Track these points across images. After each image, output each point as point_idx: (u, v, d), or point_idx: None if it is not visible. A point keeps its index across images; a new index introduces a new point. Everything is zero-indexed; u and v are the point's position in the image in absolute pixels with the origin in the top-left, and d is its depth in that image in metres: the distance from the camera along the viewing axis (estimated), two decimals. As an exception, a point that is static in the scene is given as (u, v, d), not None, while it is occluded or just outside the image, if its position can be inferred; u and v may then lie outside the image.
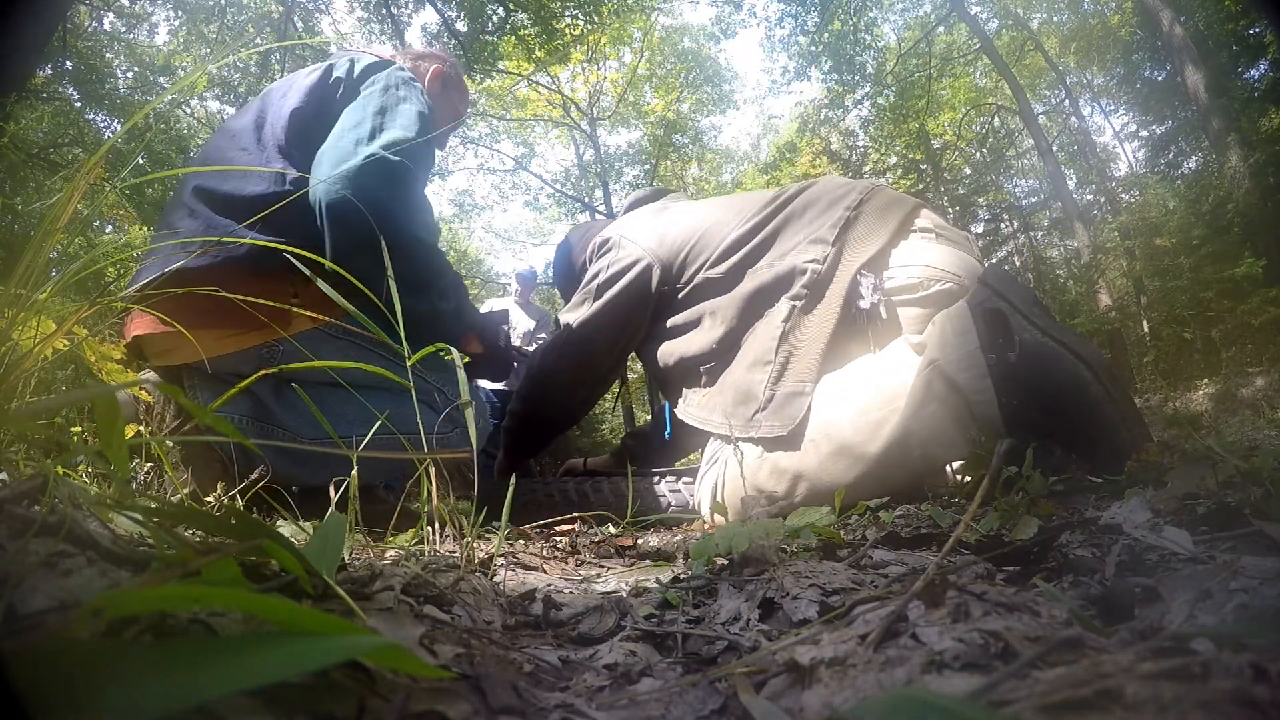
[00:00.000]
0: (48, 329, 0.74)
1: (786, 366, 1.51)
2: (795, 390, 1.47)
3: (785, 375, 1.50)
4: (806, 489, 1.39)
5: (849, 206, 1.63)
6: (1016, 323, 1.22)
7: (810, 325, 1.53)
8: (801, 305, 1.55)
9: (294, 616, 0.28)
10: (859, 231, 1.59)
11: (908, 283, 1.53)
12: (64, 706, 0.21)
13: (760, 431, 1.46)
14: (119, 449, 0.43)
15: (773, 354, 1.53)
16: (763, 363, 1.53)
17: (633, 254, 1.77)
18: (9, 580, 0.31)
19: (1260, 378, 6.78)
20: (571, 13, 11.17)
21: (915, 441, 1.30)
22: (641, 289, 1.75)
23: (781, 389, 1.49)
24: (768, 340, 1.55)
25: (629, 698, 0.41)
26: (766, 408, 1.48)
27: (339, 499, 0.73)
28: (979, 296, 1.30)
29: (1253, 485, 0.72)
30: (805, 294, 1.55)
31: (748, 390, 1.53)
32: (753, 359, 1.56)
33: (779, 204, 1.72)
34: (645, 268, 1.74)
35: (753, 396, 1.51)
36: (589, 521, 1.45)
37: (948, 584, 0.45)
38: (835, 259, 1.56)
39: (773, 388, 1.50)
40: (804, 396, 1.45)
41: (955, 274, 1.54)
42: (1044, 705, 0.26)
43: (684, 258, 1.74)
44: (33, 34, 0.54)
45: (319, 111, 1.38)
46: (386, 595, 0.47)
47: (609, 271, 1.78)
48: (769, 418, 1.47)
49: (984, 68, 14.89)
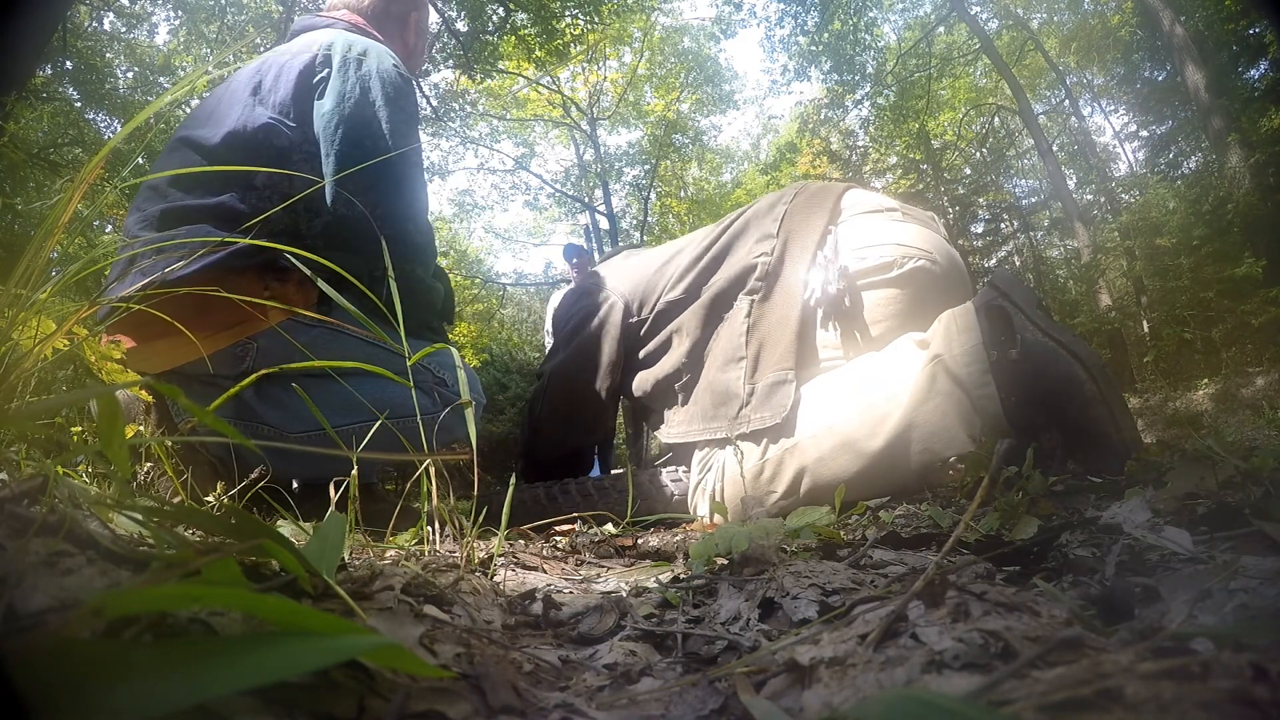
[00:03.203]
0: (48, 329, 0.74)
1: (760, 358, 1.52)
2: (778, 379, 1.47)
3: (760, 367, 1.51)
4: (809, 484, 1.39)
5: (785, 202, 1.71)
6: (1019, 322, 1.23)
7: (773, 313, 1.54)
8: (759, 297, 1.57)
9: (294, 616, 0.28)
10: (797, 220, 1.65)
11: (880, 262, 1.54)
12: (64, 706, 0.21)
13: (751, 426, 1.46)
14: (119, 449, 0.43)
15: (743, 349, 1.54)
16: (735, 360, 1.54)
17: (599, 296, 1.85)
18: (9, 579, 0.31)
19: (1260, 378, 6.78)
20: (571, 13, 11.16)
21: (917, 435, 1.31)
22: (610, 325, 1.81)
23: (761, 381, 1.49)
24: (735, 338, 1.56)
25: (629, 697, 0.41)
26: (750, 401, 1.48)
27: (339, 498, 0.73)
28: (985, 297, 1.32)
29: (1253, 485, 0.72)
30: (760, 286, 1.58)
31: (725, 390, 1.53)
32: (724, 359, 1.57)
33: (727, 224, 1.79)
34: (611, 305, 1.82)
35: (733, 395, 1.51)
36: (589, 521, 1.45)
37: (948, 584, 0.45)
38: (782, 249, 1.61)
39: (751, 381, 1.50)
40: (788, 384, 1.46)
41: (926, 250, 1.54)
42: (1044, 705, 0.26)
43: (645, 289, 1.81)
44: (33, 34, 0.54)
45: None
46: (386, 595, 0.47)
47: (579, 316, 1.86)
48: (756, 410, 1.47)
49: (984, 68, 14.89)
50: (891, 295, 1.53)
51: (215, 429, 0.40)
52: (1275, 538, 0.54)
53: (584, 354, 1.82)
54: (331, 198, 1.30)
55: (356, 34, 1.51)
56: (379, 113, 1.37)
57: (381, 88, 1.39)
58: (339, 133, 1.33)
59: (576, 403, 1.87)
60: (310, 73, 1.38)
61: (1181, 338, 8.69)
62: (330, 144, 1.33)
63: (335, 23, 1.59)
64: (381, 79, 1.39)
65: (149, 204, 1.31)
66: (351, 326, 1.30)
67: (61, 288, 0.77)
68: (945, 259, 1.57)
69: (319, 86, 1.38)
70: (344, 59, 1.39)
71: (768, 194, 1.95)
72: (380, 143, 1.35)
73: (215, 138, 1.31)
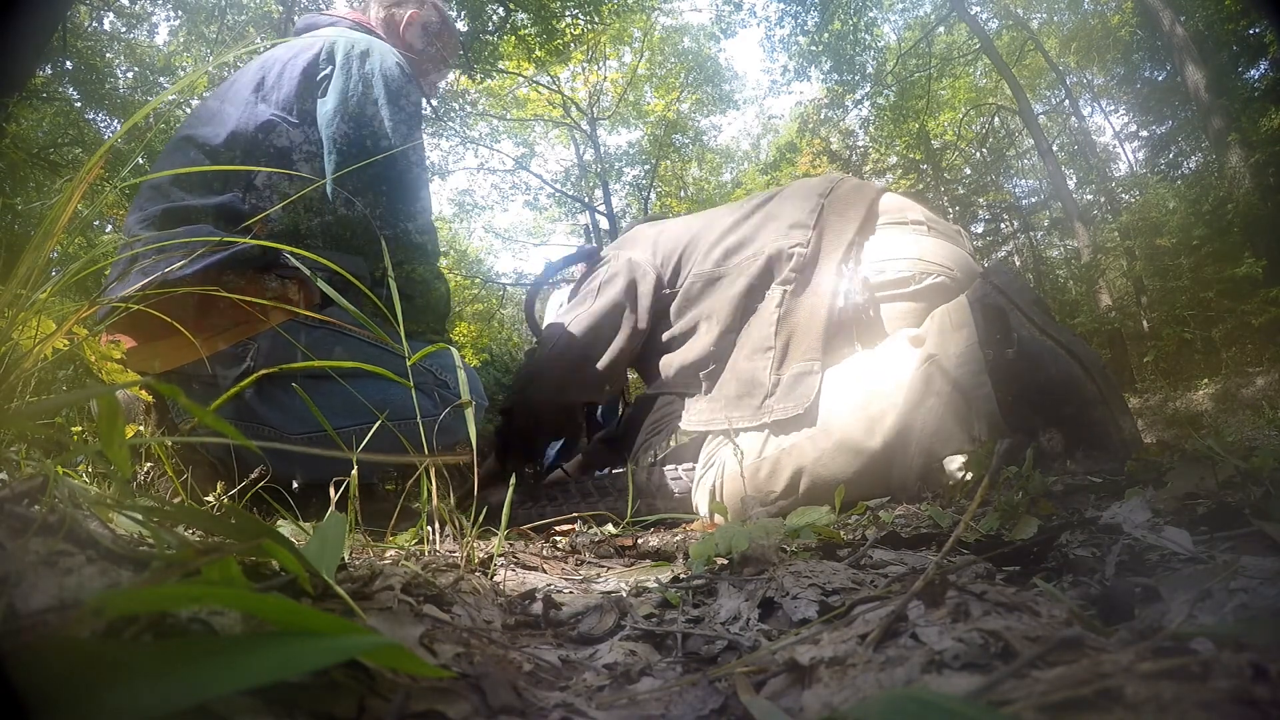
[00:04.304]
0: (48, 329, 0.74)
1: (788, 349, 1.51)
2: (803, 370, 1.47)
3: (788, 358, 1.50)
4: (808, 484, 1.39)
5: (821, 194, 1.70)
6: (1015, 320, 1.22)
7: (804, 307, 1.54)
8: (792, 289, 1.57)
9: (294, 616, 0.28)
10: (833, 216, 1.65)
11: (898, 276, 1.54)
12: (64, 706, 0.21)
13: (773, 416, 1.45)
14: (119, 449, 0.43)
15: (772, 339, 1.53)
16: (763, 349, 1.54)
17: (628, 261, 1.82)
18: (9, 579, 0.31)
19: (1260, 378, 6.78)
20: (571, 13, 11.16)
21: (915, 436, 1.30)
22: (643, 295, 1.78)
23: (787, 371, 1.49)
24: (765, 328, 1.56)
25: (629, 697, 0.41)
26: (775, 392, 1.48)
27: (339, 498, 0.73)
28: (979, 292, 1.30)
29: (1253, 485, 0.72)
30: (794, 277, 1.58)
31: (751, 379, 1.52)
32: (752, 348, 1.56)
33: (760, 202, 1.79)
34: (641, 272, 1.79)
35: (758, 384, 1.51)
36: (589, 521, 1.45)
37: (948, 584, 0.45)
38: (817, 242, 1.61)
39: (777, 372, 1.50)
40: (813, 375, 1.45)
41: (947, 267, 1.54)
42: (1044, 705, 0.26)
43: (677, 261, 1.79)
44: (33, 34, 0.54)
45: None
46: (386, 595, 0.47)
47: (606, 275, 1.83)
48: (780, 401, 1.46)
49: (984, 68, 14.88)
50: (908, 309, 1.53)
51: (215, 429, 0.40)
52: (1275, 538, 0.54)
53: (607, 312, 1.78)
54: (331, 196, 1.31)
55: (361, 33, 1.51)
56: (381, 111, 1.37)
57: (384, 86, 1.39)
58: (340, 131, 1.33)
59: (584, 362, 1.80)
60: (313, 70, 1.38)
61: (1181, 338, 8.69)
62: (331, 142, 1.33)
63: (339, 21, 1.59)
64: (384, 77, 1.39)
65: (151, 203, 1.31)
66: (353, 327, 1.30)
67: (61, 288, 0.77)
68: (966, 274, 1.56)
69: (322, 84, 1.38)
70: (347, 56, 1.39)
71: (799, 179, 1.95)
72: (381, 142, 1.35)
73: (218, 137, 1.32)
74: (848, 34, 13.69)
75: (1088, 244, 11.06)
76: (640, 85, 16.71)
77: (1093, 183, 13.95)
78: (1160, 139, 12.34)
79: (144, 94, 9.65)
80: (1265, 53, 9.28)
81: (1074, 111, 14.73)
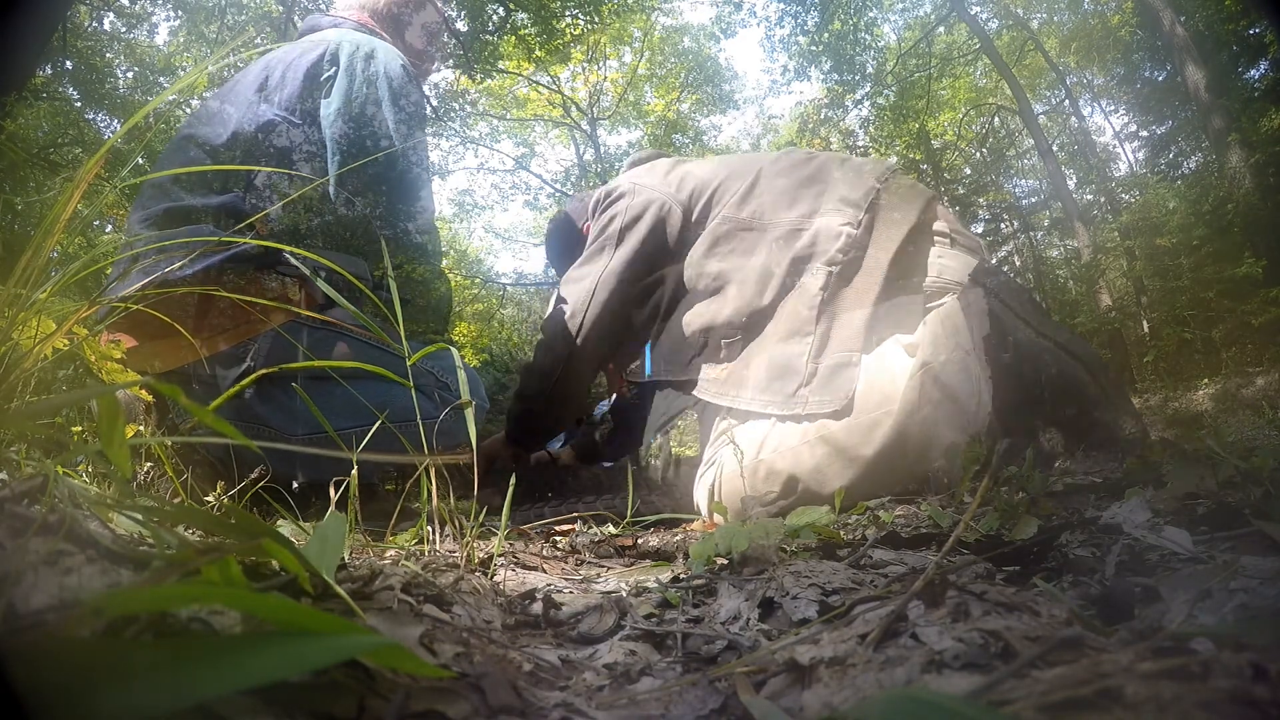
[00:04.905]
0: (48, 329, 0.74)
1: (828, 337, 1.42)
2: (841, 361, 1.38)
3: (828, 347, 1.41)
4: (802, 491, 1.39)
5: (876, 178, 1.58)
6: (1010, 322, 1.21)
7: (850, 294, 1.45)
8: (839, 271, 1.46)
9: (294, 616, 0.28)
10: (887, 208, 1.53)
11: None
12: (64, 706, 0.21)
13: (808, 408, 1.37)
14: (119, 449, 0.43)
15: (812, 324, 1.43)
16: (801, 334, 1.43)
17: (649, 196, 1.67)
18: (9, 579, 0.31)
19: (1260, 378, 6.77)
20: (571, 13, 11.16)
21: (911, 445, 1.29)
22: (663, 230, 1.64)
23: (825, 361, 1.40)
24: (805, 310, 1.45)
25: (629, 697, 0.41)
26: (811, 382, 1.39)
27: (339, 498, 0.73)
28: (970, 296, 1.28)
29: (1253, 485, 0.72)
30: (841, 259, 1.46)
31: (785, 364, 1.42)
32: (788, 331, 1.45)
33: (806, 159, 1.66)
34: (665, 208, 1.65)
35: (793, 371, 1.41)
36: (588, 521, 1.45)
37: (948, 584, 0.45)
38: (869, 228, 1.50)
39: (815, 361, 1.40)
40: (852, 367, 1.37)
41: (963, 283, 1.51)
42: (1044, 705, 0.26)
43: (706, 201, 1.65)
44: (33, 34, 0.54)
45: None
46: (386, 595, 0.47)
47: (627, 214, 1.66)
48: (816, 393, 1.38)
49: (984, 68, 14.88)
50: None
51: (215, 429, 0.40)
52: (1275, 538, 0.54)
53: (639, 257, 1.64)
54: (334, 196, 1.31)
55: (365, 34, 1.51)
56: (384, 112, 1.37)
57: (388, 88, 1.39)
58: (343, 131, 1.33)
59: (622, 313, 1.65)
60: (317, 71, 1.39)
61: (1182, 338, 8.69)
62: (334, 142, 1.33)
63: (343, 22, 1.59)
64: (388, 79, 1.40)
65: (153, 202, 1.31)
66: (354, 328, 1.30)
67: (61, 287, 0.77)
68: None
69: (326, 85, 1.38)
70: (351, 58, 1.39)
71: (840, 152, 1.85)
72: (384, 143, 1.35)
73: (221, 137, 1.32)
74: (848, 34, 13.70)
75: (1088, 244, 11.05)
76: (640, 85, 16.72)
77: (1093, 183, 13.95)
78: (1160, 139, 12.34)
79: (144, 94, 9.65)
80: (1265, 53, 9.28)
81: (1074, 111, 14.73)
